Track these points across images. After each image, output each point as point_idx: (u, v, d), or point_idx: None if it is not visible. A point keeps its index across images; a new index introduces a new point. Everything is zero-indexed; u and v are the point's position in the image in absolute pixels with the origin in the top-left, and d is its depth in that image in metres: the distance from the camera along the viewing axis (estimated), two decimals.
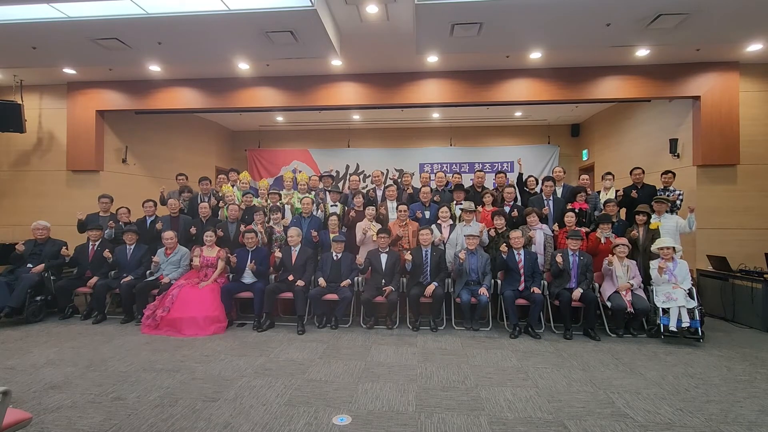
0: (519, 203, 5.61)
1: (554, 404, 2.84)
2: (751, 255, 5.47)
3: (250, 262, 4.79)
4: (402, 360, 3.68)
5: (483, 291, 4.48)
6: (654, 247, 4.56)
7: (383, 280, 4.69)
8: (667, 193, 5.31)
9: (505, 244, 4.64)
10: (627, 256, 4.58)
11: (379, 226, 5.12)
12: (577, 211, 5.10)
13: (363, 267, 4.78)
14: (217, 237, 5.07)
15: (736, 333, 4.67)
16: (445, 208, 5.06)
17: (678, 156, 6.25)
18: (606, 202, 5.20)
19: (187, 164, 7.68)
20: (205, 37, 4.89)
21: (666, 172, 5.40)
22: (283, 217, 5.36)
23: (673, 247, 4.44)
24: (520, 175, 5.95)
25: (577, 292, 4.38)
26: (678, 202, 5.26)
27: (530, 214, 4.96)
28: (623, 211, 5.60)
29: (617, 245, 4.55)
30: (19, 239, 5.51)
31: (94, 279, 5.03)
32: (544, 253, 4.91)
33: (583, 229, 4.90)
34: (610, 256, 4.56)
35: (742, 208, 5.88)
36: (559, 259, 4.52)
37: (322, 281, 4.71)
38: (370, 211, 5.18)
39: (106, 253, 5.10)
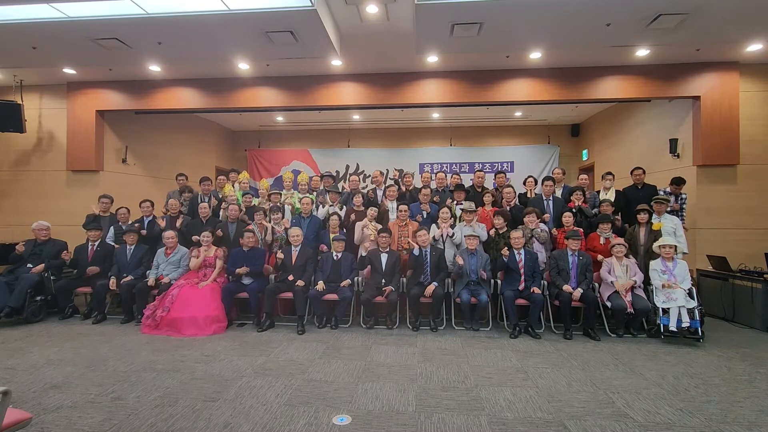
0: (518, 203, 5.61)
1: (554, 404, 2.84)
2: (751, 255, 5.46)
3: (244, 265, 4.80)
4: (402, 360, 3.68)
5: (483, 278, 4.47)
6: (655, 245, 4.55)
7: (383, 280, 4.69)
8: (676, 198, 5.38)
9: (506, 247, 4.62)
10: (626, 256, 4.58)
11: (379, 226, 5.12)
12: (574, 210, 5.10)
13: (362, 263, 4.77)
14: (215, 237, 5.08)
15: (736, 333, 4.67)
16: (445, 209, 5.03)
17: (678, 156, 6.25)
18: (602, 202, 5.20)
19: (187, 164, 7.68)
20: (205, 37, 4.90)
21: (677, 183, 5.43)
22: (283, 217, 5.36)
23: (675, 246, 4.43)
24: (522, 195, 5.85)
25: (577, 293, 4.38)
26: (682, 204, 5.33)
27: (530, 213, 4.96)
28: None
29: (614, 245, 4.55)
30: (19, 239, 5.51)
31: (95, 268, 5.08)
32: (543, 251, 4.92)
33: (581, 229, 4.89)
34: (601, 257, 4.57)
35: (742, 208, 5.88)
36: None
37: (320, 285, 4.68)
38: (372, 212, 5.18)
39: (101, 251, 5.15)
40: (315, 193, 5.87)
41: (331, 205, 5.50)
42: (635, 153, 7.06)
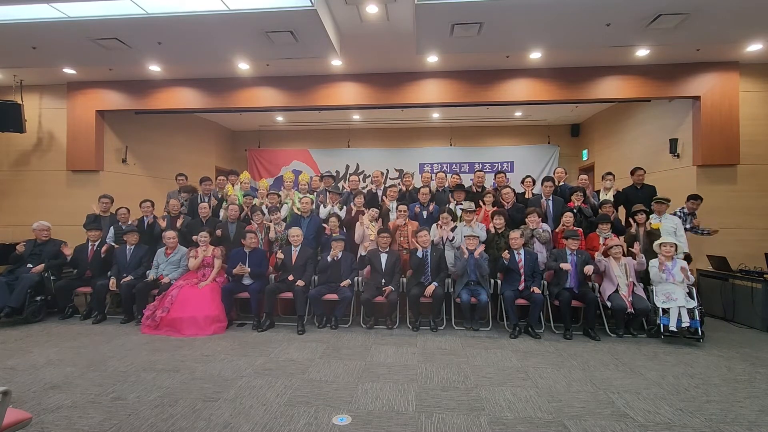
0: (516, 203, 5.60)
1: (554, 404, 2.84)
2: (751, 255, 5.46)
3: (246, 263, 4.80)
4: (402, 360, 3.68)
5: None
6: (655, 244, 4.55)
7: (383, 280, 4.69)
8: (690, 218, 5.17)
9: (507, 251, 4.61)
10: (624, 255, 4.59)
11: (379, 226, 5.12)
12: (574, 211, 5.10)
13: (362, 263, 4.77)
14: (215, 237, 5.08)
15: (736, 333, 4.67)
16: (446, 213, 5.01)
17: (678, 156, 6.25)
18: (602, 203, 5.19)
19: (187, 164, 7.68)
20: (205, 37, 4.89)
21: (695, 198, 5.20)
22: (280, 216, 5.35)
23: (675, 245, 4.43)
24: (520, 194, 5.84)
25: (566, 265, 4.41)
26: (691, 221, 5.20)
27: (532, 213, 4.96)
28: (622, 212, 5.59)
29: (611, 246, 4.56)
30: (19, 239, 5.51)
31: (106, 248, 5.15)
32: (544, 251, 4.92)
33: (579, 229, 4.89)
34: (600, 255, 4.58)
35: (742, 208, 5.88)
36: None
37: (333, 254, 4.74)
38: (372, 212, 5.18)
39: (103, 250, 5.15)
40: (315, 193, 5.87)
41: (332, 206, 5.50)
42: (635, 153, 7.06)
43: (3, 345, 4.04)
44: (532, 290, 4.46)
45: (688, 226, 5.15)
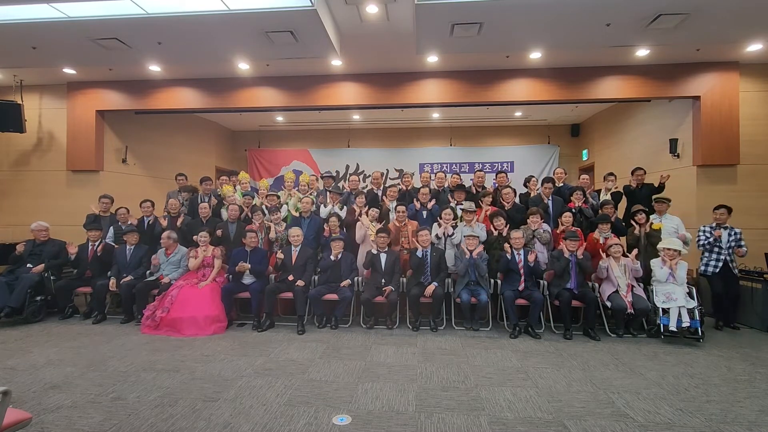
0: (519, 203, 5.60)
1: (554, 404, 2.84)
2: (751, 255, 5.43)
3: (247, 263, 4.80)
4: (402, 360, 3.68)
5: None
6: (659, 245, 4.54)
7: (383, 280, 4.69)
8: (731, 231, 4.77)
9: (507, 244, 4.62)
10: (624, 255, 4.59)
11: (379, 225, 5.11)
12: (574, 211, 5.10)
13: (369, 261, 4.79)
14: (216, 237, 5.08)
15: (736, 333, 4.67)
16: (448, 210, 5.01)
17: (678, 156, 6.25)
18: (603, 203, 5.19)
19: (187, 164, 7.67)
20: (205, 37, 4.89)
21: (720, 207, 4.86)
22: (280, 217, 5.35)
23: (679, 251, 4.41)
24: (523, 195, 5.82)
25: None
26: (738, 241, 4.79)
27: (534, 214, 4.95)
28: (622, 210, 5.58)
29: (611, 246, 4.55)
30: (19, 239, 5.52)
31: (102, 245, 5.17)
32: (545, 251, 4.92)
33: (579, 229, 4.89)
34: (605, 257, 4.57)
35: (742, 208, 5.84)
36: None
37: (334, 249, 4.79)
38: (373, 212, 5.19)
39: (99, 248, 5.16)
40: (315, 193, 5.87)
41: (333, 206, 5.49)
42: (635, 153, 7.06)
43: (3, 345, 4.04)
44: (533, 255, 4.48)
45: (733, 243, 4.71)
